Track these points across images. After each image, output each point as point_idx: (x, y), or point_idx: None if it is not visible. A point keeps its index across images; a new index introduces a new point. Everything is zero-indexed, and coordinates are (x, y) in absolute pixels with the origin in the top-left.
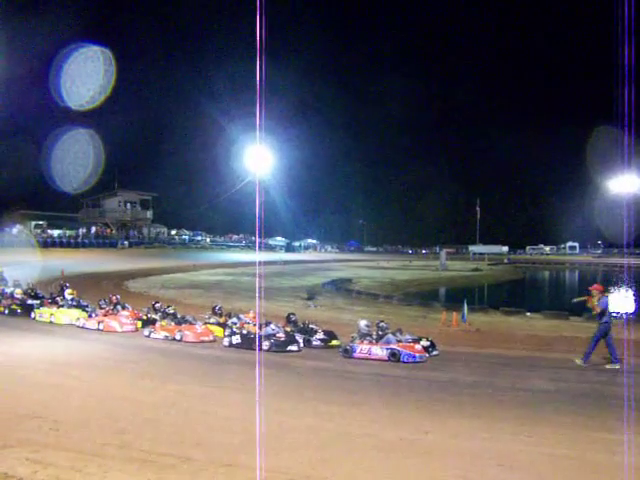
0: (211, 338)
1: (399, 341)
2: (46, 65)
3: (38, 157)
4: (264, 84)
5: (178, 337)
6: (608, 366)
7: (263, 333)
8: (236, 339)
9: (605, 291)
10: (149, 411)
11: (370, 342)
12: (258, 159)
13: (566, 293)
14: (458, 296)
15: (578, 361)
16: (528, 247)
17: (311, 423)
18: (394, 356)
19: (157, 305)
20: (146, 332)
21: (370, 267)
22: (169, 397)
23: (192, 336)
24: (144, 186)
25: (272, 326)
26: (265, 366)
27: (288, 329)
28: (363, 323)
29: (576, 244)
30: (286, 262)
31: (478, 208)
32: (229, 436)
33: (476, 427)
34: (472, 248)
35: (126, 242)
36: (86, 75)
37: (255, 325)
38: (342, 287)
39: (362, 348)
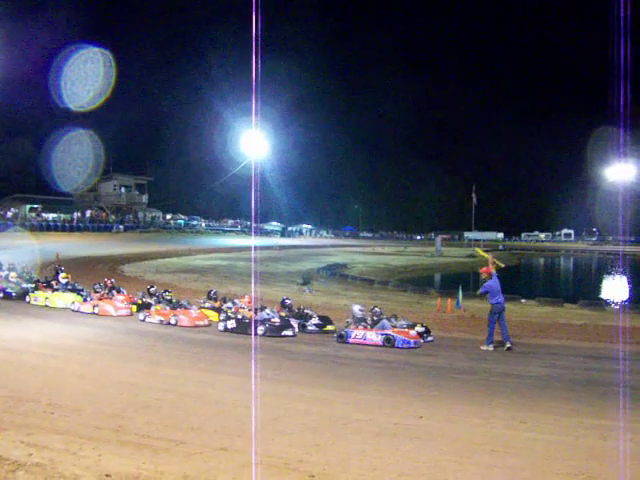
0: (206, 322)
1: (394, 327)
2: (42, 52)
3: (33, 146)
4: (261, 71)
5: (173, 321)
6: (483, 347)
7: (258, 318)
8: (231, 324)
9: (490, 275)
10: (144, 395)
11: (365, 327)
12: (254, 144)
13: (561, 280)
14: (453, 282)
15: (483, 347)
16: (523, 234)
17: (305, 408)
18: (389, 341)
19: (152, 289)
20: (141, 316)
21: (365, 253)
22: (164, 381)
23: (187, 320)
24: (140, 170)
25: (267, 311)
26: (260, 351)
27: (283, 314)
28: (357, 308)
29: (571, 231)
30: (281, 247)
31: (474, 194)
32: (224, 420)
33: (470, 412)
34: (467, 234)
35: (121, 226)
36: (82, 62)
37: (250, 310)
38: (337, 272)
39: (357, 333)
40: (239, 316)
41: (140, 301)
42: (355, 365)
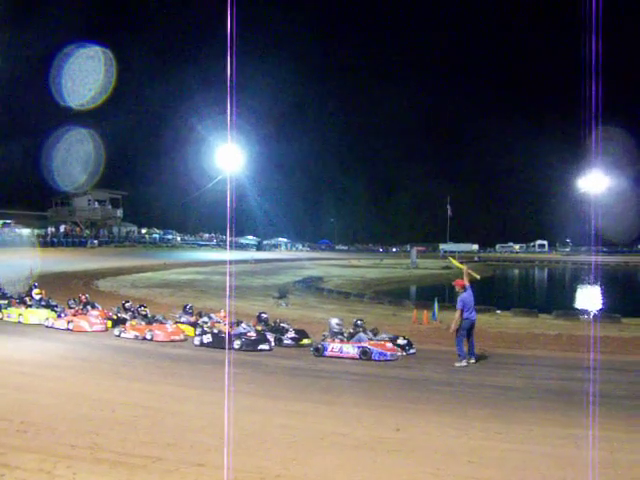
0: (182, 337)
1: (370, 339)
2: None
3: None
4: (235, 83)
5: (149, 336)
6: (456, 364)
7: (234, 332)
8: (207, 338)
9: (465, 288)
10: (120, 411)
11: (341, 340)
12: (229, 158)
13: (535, 290)
14: (429, 294)
15: (457, 364)
16: (498, 245)
17: (282, 422)
18: (365, 354)
19: (127, 304)
20: (116, 332)
21: (341, 265)
22: (140, 397)
23: (163, 335)
24: (114, 185)
25: (243, 325)
26: (236, 365)
27: (259, 328)
28: (334, 321)
29: (545, 242)
30: (257, 261)
31: (449, 206)
32: (200, 436)
33: (447, 424)
34: (442, 246)
35: (96, 241)
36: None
37: (226, 324)
38: (313, 285)
39: (333, 347)
40: (215, 330)
41: (115, 316)
42: (332, 378)
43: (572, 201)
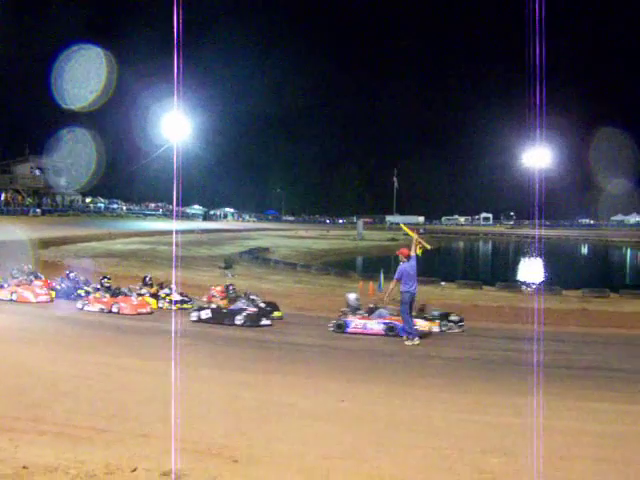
0: (148, 310)
1: (391, 315)
2: None
3: None
4: (181, 50)
5: (115, 309)
6: (407, 342)
7: (233, 307)
8: (205, 314)
9: (408, 257)
10: (65, 384)
11: (363, 317)
12: (176, 126)
13: (480, 263)
14: (375, 265)
15: (407, 342)
16: (444, 218)
17: (229, 392)
18: (391, 330)
19: (71, 274)
20: (79, 304)
21: (288, 236)
22: (86, 369)
23: (129, 308)
24: (58, 152)
25: (243, 300)
26: (189, 337)
27: (224, 302)
28: (352, 297)
29: (490, 215)
30: (203, 231)
31: (395, 178)
32: (147, 407)
33: (391, 394)
34: (389, 218)
35: (38, 210)
36: None
37: (223, 299)
38: (260, 256)
39: (357, 323)
40: (213, 305)
41: (59, 286)
42: (284, 349)
43: (516, 175)
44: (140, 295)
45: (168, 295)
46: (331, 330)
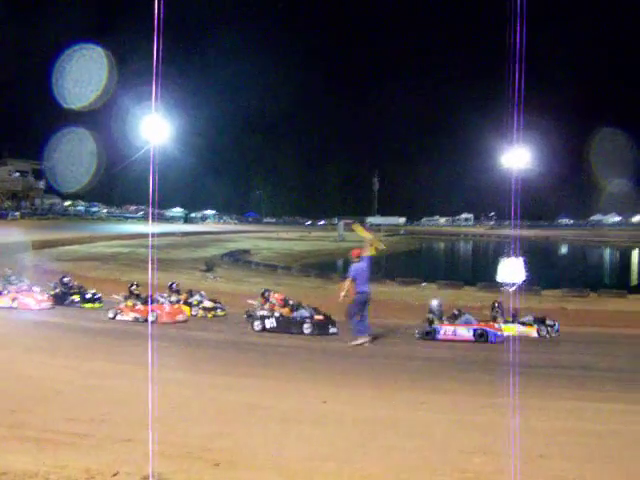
0: (184, 318)
1: (479, 321)
2: None
3: None
4: (161, 51)
5: (152, 318)
6: (352, 343)
7: (297, 315)
8: (270, 322)
9: (360, 258)
10: (46, 388)
11: (451, 323)
12: (155, 129)
13: (460, 263)
14: None
15: (352, 342)
16: (424, 218)
17: (211, 395)
18: (482, 336)
19: (65, 279)
20: (111, 314)
21: (269, 238)
22: (69, 374)
23: (167, 317)
24: (37, 155)
25: (305, 309)
26: (161, 339)
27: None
28: (436, 303)
29: (470, 216)
30: (184, 233)
31: (376, 179)
32: (129, 411)
33: (373, 396)
34: (370, 219)
35: (17, 213)
36: None
37: (284, 307)
38: (241, 258)
39: (446, 329)
40: (277, 314)
41: (52, 292)
42: (263, 352)
43: (497, 176)
44: (174, 302)
45: (200, 302)
46: (417, 337)
